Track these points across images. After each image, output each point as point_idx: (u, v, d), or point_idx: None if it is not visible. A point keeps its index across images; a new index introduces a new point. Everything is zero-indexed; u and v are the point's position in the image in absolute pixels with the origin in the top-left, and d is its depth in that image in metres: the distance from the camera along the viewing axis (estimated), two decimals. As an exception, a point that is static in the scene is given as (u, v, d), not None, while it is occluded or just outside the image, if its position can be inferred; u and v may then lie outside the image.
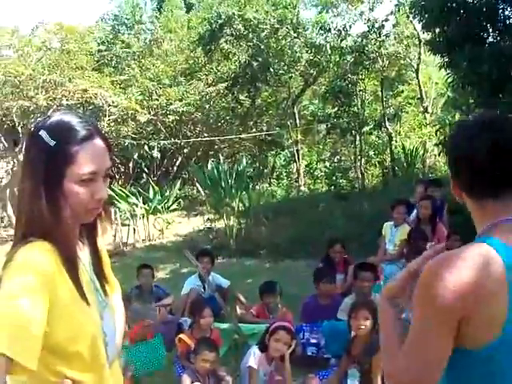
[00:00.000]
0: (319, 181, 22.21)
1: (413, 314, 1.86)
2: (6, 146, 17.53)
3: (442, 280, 1.77)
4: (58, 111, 2.20)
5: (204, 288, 8.58)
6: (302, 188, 21.14)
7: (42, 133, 2.02)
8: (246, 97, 21.70)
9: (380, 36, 18.54)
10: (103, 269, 2.32)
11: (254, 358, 5.74)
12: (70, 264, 2.04)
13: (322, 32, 19.24)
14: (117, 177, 22.39)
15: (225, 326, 7.37)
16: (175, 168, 24.05)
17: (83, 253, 2.22)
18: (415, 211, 9.12)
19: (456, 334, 1.79)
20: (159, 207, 16.78)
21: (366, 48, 18.40)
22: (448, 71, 11.68)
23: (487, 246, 1.82)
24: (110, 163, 2.14)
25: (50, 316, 1.86)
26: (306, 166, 23.57)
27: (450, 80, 11.67)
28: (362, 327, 5.72)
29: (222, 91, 21.23)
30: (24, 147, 2.15)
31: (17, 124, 16.52)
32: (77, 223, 2.16)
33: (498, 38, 11.01)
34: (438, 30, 11.43)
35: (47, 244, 1.99)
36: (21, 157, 15.26)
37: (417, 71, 19.71)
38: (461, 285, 1.74)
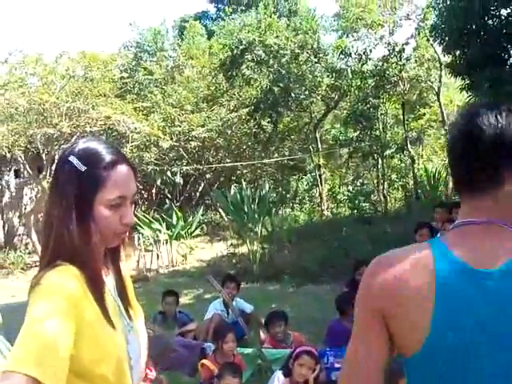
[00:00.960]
0: (342, 205, 22.14)
1: None
2: (31, 173, 17.67)
3: (372, 277, 1.75)
4: (84, 138, 2.23)
5: (228, 313, 8.57)
6: (325, 212, 21.10)
7: (73, 159, 2.05)
8: (268, 122, 21.72)
9: (401, 59, 18.55)
10: (127, 293, 2.33)
11: (278, 382, 5.71)
12: (96, 288, 2.06)
13: (343, 56, 19.30)
14: (140, 203, 22.45)
15: (248, 351, 7.34)
16: (198, 194, 24.11)
17: (108, 277, 2.24)
18: (439, 235, 9.08)
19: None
20: (182, 233, 16.82)
21: (387, 72, 18.41)
22: (469, 93, 11.68)
23: (429, 249, 1.71)
24: (135, 188, 2.16)
25: (76, 339, 1.87)
26: (328, 190, 23.51)
27: (471, 102, 11.65)
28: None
29: (243, 117, 21.29)
30: (53, 173, 2.17)
31: (41, 151, 16.66)
32: (103, 248, 2.18)
33: (520, 60, 11.02)
34: (458, 53, 11.46)
35: (74, 268, 2.01)
36: (45, 183, 15.37)
37: (438, 94, 19.66)
38: (386, 283, 1.69)
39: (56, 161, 2.19)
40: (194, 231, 17.80)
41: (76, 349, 1.88)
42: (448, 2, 11.48)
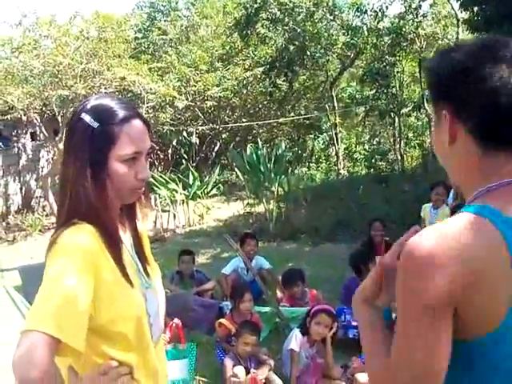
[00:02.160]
0: (358, 164, 22.12)
1: (397, 311, 1.56)
2: (47, 135, 17.68)
3: (426, 263, 1.46)
4: (96, 95, 2.22)
5: (247, 271, 8.60)
6: (342, 171, 21.04)
7: (85, 116, 2.05)
8: (284, 81, 21.61)
9: (417, 16, 18.35)
10: (144, 251, 2.35)
11: (295, 340, 5.75)
12: (113, 245, 2.07)
13: (359, 14, 19.10)
14: (156, 163, 22.51)
15: (266, 309, 7.38)
16: (214, 154, 24.11)
17: (125, 235, 2.24)
18: (451, 193, 9.06)
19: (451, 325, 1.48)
20: (199, 193, 16.85)
21: (404, 29, 18.21)
22: (487, 50, 11.54)
23: (483, 218, 1.49)
24: (150, 143, 2.16)
25: (94, 297, 1.88)
26: (344, 149, 23.46)
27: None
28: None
29: (259, 76, 21.17)
30: (66, 132, 2.16)
31: (56, 113, 16.63)
32: (119, 204, 2.18)
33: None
34: (475, 9, 11.31)
35: (90, 226, 2.01)
36: (61, 146, 15.38)
37: (455, 51, 19.45)
38: (455, 273, 1.43)
39: (69, 119, 2.18)
40: (210, 191, 17.85)
41: (94, 307, 1.89)
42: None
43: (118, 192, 2.09)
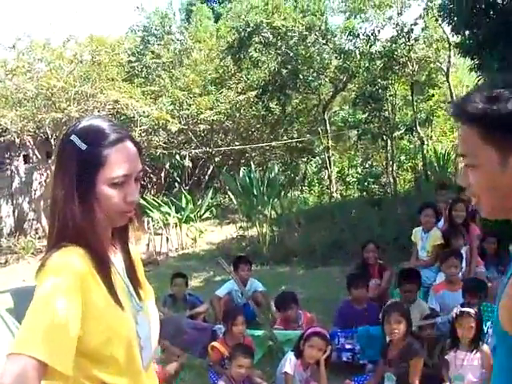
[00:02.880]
0: (351, 187, 22.09)
1: None
2: (40, 157, 17.69)
3: None
4: (87, 117, 2.22)
5: (242, 293, 8.59)
6: (334, 194, 21.05)
7: (74, 137, 2.04)
8: (276, 104, 21.66)
9: (409, 40, 18.43)
10: (137, 273, 2.33)
11: (289, 364, 5.74)
12: (103, 268, 2.05)
13: (351, 38, 19.18)
14: (149, 186, 22.50)
15: (259, 332, 7.36)
16: (207, 177, 24.12)
17: (116, 258, 2.23)
18: (445, 215, 9.07)
19: None
20: (192, 216, 16.82)
21: (396, 52, 18.29)
22: (479, 73, 11.61)
23: None
24: (141, 166, 2.15)
25: (83, 319, 1.87)
26: (337, 172, 23.46)
27: (480, 82, 11.56)
28: (396, 331, 5.70)
29: (252, 99, 21.21)
30: (56, 153, 2.16)
31: (50, 136, 16.66)
32: (109, 227, 2.17)
33: (530, 38, 10.91)
34: (467, 33, 11.37)
35: (79, 248, 2.00)
36: (54, 168, 15.41)
37: (447, 75, 19.54)
38: None
39: (60, 141, 2.18)
40: (203, 214, 17.84)
41: (84, 330, 1.88)
42: (456, -19, 11.41)
43: (107, 215, 2.08)
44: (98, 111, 16.44)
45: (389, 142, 20.27)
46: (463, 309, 5.80)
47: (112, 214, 2.09)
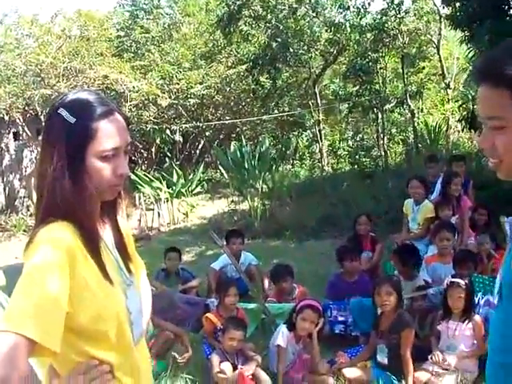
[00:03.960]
0: (342, 160, 22.11)
1: None
2: (30, 135, 17.62)
3: None
4: (74, 90, 2.20)
5: (235, 267, 8.60)
6: (326, 168, 21.07)
7: (62, 111, 2.01)
8: (267, 78, 21.60)
9: (399, 12, 18.36)
10: (126, 247, 2.31)
11: (282, 336, 5.76)
12: (92, 243, 2.04)
13: (341, 10, 19.08)
14: (140, 162, 22.45)
15: (252, 306, 7.38)
16: (198, 151, 24.06)
17: (105, 232, 2.22)
18: (437, 188, 9.07)
19: None
20: (183, 191, 16.81)
21: (386, 25, 18.24)
22: (469, 46, 11.58)
23: None
24: (129, 139, 2.13)
25: (72, 295, 1.86)
26: (328, 145, 23.47)
27: (471, 55, 11.55)
28: (387, 303, 5.72)
29: (242, 73, 21.15)
30: (44, 127, 2.13)
31: (39, 113, 16.59)
32: (98, 202, 2.15)
33: (520, 11, 10.89)
34: (458, 4, 11.33)
35: (67, 223, 1.99)
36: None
37: (438, 47, 19.52)
38: None
39: (46, 115, 2.15)
40: (194, 189, 17.82)
41: (73, 306, 1.87)
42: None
43: (96, 189, 2.05)
44: (88, 87, 16.34)
45: (379, 114, 20.30)
46: (453, 279, 5.83)
47: (102, 188, 2.07)
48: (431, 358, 5.63)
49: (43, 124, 2.12)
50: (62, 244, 1.90)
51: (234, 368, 5.62)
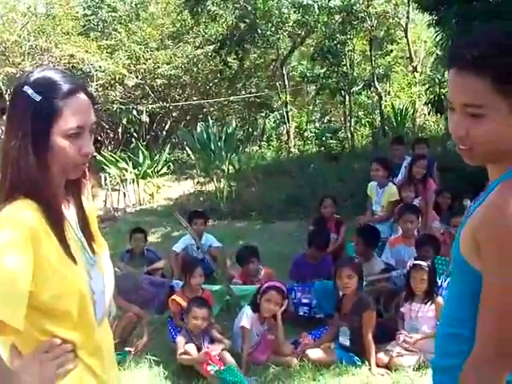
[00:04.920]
0: (309, 142, 22.12)
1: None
2: (-6, 113, 17.43)
3: None
4: (40, 67, 2.18)
5: (197, 248, 8.58)
6: (292, 149, 21.10)
7: (27, 88, 1.99)
8: (234, 59, 21.54)
9: (368, -5, 18.42)
10: (90, 227, 2.30)
11: (246, 318, 5.77)
12: (56, 221, 2.02)
13: (310, -9, 19.11)
14: (106, 142, 22.32)
15: (216, 287, 7.38)
16: (164, 132, 23.99)
17: (69, 212, 2.20)
18: (402, 171, 9.13)
19: None
20: (149, 171, 16.76)
21: (354, 7, 18.26)
22: (437, 29, 11.61)
23: None
24: (94, 118, 2.12)
25: (35, 274, 1.84)
26: (295, 127, 23.47)
27: (438, 38, 11.59)
28: (348, 285, 5.76)
29: (209, 54, 21.10)
30: (8, 105, 2.11)
31: (4, 92, 16.40)
32: (63, 181, 2.14)
33: (487, -5, 10.93)
34: (426, -12, 11.34)
35: (31, 202, 1.97)
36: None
37: (405, 30, 19.62)
38: None
39: (11, 92, 2.13)
40: (160, 170, 17.75)
41: (36, 284, 1.86)
42: None
43: (61, 167, 2.03)
44: (54, 66, 16.19)
45: (347, 97, 20.33)
46: (416, 262, 5.88)
47: (67, 167, 2.05)
48: (398, 339, 5.69)
49: (7, 103, 2.10)
50: (25, 224, 1.88)
51: (199, 350, 5.62)
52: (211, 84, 23.60)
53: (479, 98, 1.72)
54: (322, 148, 19.54)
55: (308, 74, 21.65)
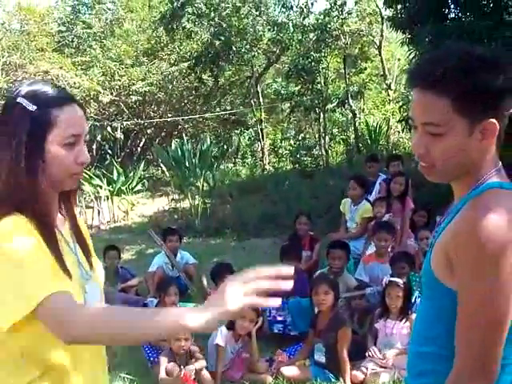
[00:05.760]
0: (284, 159, 22.19)
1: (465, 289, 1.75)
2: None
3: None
4: (28, 81, 2.19)
5: (172, 266, 8.56)
6: (267, 166, 21.12)
7: (21, 99, 1.99)
8: (209, 76, 21.58)
9: (342, 13, 18.56)
10: (86, 240, 2.30)
11: (221, 335, 5.76)
12: (49, 235, 2.01)
13: (284, 10, 19.23)
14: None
15: (191, 305, 7.35)
16: (139, 149, 23.93)
17: (63, 226, 2.20)
18: (376, 188, 9.19)
19: None
20: (123, 188, 16.69)
21: (329, 26, 18.38)
22: (410, 47, 11.72)
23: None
24: (87, 128, 2.14)
25: None
26: (270, 144, 23.51)
27: (412, 56, 11.69)
28: (324, 302, 5.77)
29: (184, 71, 21.11)
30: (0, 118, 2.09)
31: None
32: (57, 193, 2.13)
33: (460, 14, 11.06)
34: (399, 7, 11.46)
35: (23, 217, 1.96)
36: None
37: (379, 48, 19.74)
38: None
39: (1, 106, 2.12)
40: (135, 187, 17.68)
41: None
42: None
43: (56, 178, 2.03)
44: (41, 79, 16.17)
45: (321, 114, 20.40)
46: (392, 279, 5.91)
47: (63, 177, 2.04)
48: (368, 355, 5.71)
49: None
50: (21, 238, 1.90)
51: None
52: (186, 101, 23.61)
53: (439, 116, 1.76)
54: (297, 165, 19.57)
55: (282, 92, 21.72)
